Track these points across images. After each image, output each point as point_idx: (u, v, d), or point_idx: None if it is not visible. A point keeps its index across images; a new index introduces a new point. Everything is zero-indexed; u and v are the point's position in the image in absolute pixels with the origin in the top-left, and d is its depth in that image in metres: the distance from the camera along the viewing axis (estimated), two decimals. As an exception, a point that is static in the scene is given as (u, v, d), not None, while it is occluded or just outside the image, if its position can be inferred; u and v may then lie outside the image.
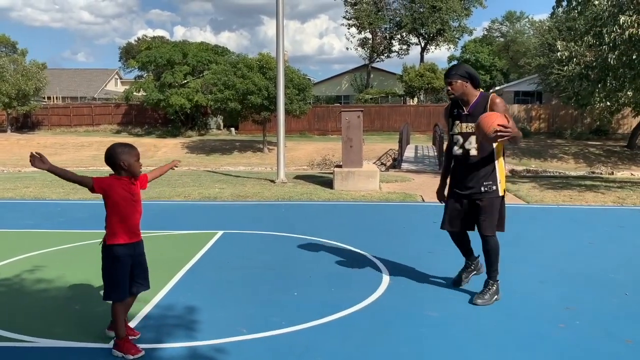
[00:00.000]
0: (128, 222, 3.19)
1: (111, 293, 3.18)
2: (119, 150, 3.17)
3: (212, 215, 8.20)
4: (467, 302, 4.08)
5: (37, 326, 3.56)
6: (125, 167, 3.16)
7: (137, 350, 3.13)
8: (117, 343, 3.17)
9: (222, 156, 25.86)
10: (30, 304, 4.05)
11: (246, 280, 4.68)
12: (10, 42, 39.49)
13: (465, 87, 3.96)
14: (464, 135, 4.01)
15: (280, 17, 12.33)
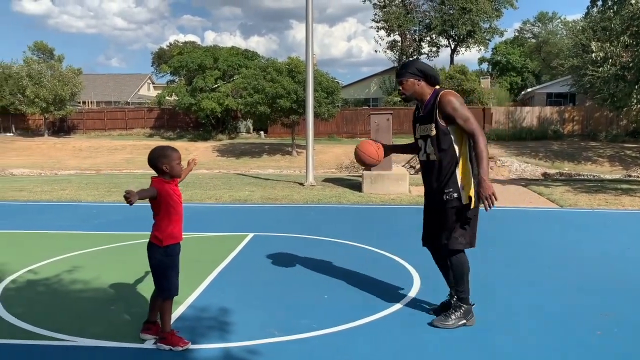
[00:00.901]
0: (179, 222, 3.33)
1: (171, 289, 3.29)
2: (161, 153, 3.28)
3: (243, 218, 8.29)
4: (502, 308, 4.02)
5: (75, 325, 3.66)
6: (167, 170, 3.26)
7: (185, 342, 3.27)
8: (164, 337, 3.29)
9: (251, 159, 26.07)
10: (68, 304, 4.16)
11: (277, 283, 4.71)
12: (48, 48, 40.59)
13: (417, 86, 3.63)
14: (423, 138, 3.68)
15: (310, 21, 12.39)
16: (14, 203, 9.87)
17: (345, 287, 4.55)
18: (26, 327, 3.61)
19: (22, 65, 36.27)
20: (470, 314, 3.67)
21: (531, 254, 5.66)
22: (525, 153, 25.15)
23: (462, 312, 3.65)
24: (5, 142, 32.70)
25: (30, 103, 34.31)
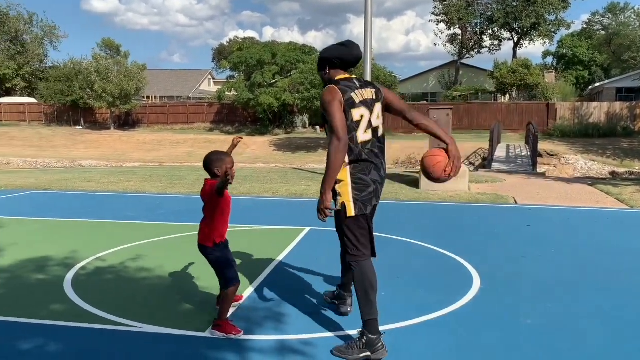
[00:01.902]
0: (227, 222, 3.53)
1: (234, 279, 3.43)
2: (215, 158, 3.43)
3: (299, 212, 8.35)
4: (564, 310, 3.87)
5: (139, 311, 3.80)
6: (219, 174, 3.36)
7: (238, 331, 3.40)
8: (219, 324, 3.41)
9: (307, 154, 26.27)
10: (133, 291, 4.33)
11: (333, 278, 4.72)
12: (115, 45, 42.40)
13: (325, 76, 3.27)
14: None
15: (369, 15, 12.31)
16: (83, 193, 10.37)
17: (402, 285, 4.50)
18: (95, 312, 3.78)
19: (91, 61, 38.04)
20: (376, 345, 3.08)
21: (598, 257, 5.41)
22: (592, 151, 24.05)
23: (364, 342, 3.09)
24: (75, 135, 34.42)
25: (98, 97, 35.94)
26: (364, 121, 3.10)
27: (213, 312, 3.75)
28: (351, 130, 3.06)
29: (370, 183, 3.13)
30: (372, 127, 3.14)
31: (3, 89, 46.15)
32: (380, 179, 3.21)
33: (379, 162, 3.18)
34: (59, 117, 40.35)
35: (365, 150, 3.11)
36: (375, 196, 3.20)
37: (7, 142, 31.89)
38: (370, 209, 3.22)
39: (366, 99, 3.14)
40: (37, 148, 29.74)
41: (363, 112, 3.10)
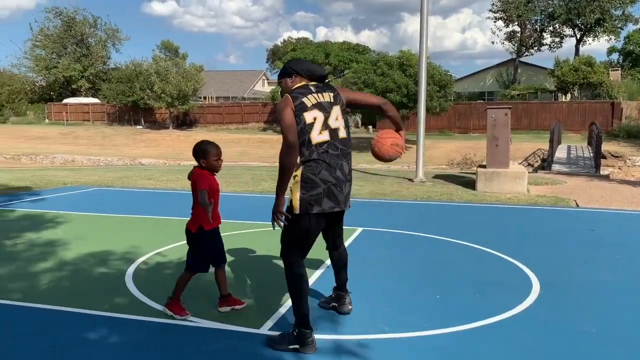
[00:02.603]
0: (217, 209, 3.69)
1: (193, 267, 3.70)
2: (202, 149, 3.63)
3: (351, 212, 8.28)
4: (630, 319, 3.67)
5: (197, 307, 3.88)
6: (204, 165, 3.60)
7: (185, 313, 3.63)
8: (169, 302, 3.68)
9: (359, 154, 26.13)
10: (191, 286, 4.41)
11: (387, 279, 4.68)
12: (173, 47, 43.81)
13: (288, 84, 3.39)
14: None
15: (425, 13, 12.13)
16: (143, 190, 10.73)
17: (458, 288, 4.40)
18: (155, 306, 3.90)
19: (151, 63, 39.38)
20: (307, 339, 3.15)
21: (670, 264, 5.11)
22: (661, 152, 22.79)
23: (295, 336, 3.17)
24: (136, 134, 35.72)
25: (157, 98, 37.16)
26: (318, 123, 3.19)
27: (269, 309, 3.80)
28: (304, 132, 3.17)
29: (320, 183, 3.17)
30: (329, 129, 3.23)
31: (69, 90, 48.46)
32: (334, 179, 3.21)
33: (334, 163, 3.21)
34: (120, 117, 41.98)
35: (320, 150, 3.18)
36: (328, 197, 3.19)
37: (73, 141, 33.47)
38: (320, 209, 3.19)
39: (321, 102, 3.24)
40: (100, 146, 31.06)
41: (316, 114, 3.20)
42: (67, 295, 4.16)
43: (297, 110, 3.18)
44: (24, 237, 6.16)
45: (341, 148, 3.26)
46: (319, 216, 3.22)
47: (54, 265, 4.98)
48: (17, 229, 6.59)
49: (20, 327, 3.54)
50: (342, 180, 3.25)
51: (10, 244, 5.81)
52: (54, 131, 37.20)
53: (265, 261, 5.18)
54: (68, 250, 5.55)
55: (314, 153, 3.17)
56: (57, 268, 4.90)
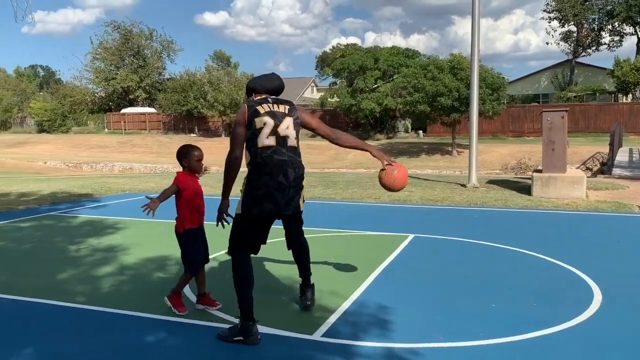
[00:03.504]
0: (199, 210, 3.91)
1: (191, 267, 3.90)
2: (184, 151, 3.87)
3: (402, 218, 8.26)
4: None
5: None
6: (185, 165, 3.83)
7: (183, 309, 3.85)
8: (172, 295, 3.91)
9: (409, 159, 25.91)
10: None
11: (439, 286, 4.61)
12: (225, 56, 44.84)
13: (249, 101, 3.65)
14: None
15: (476, 16, 11.92)
16: (197, 197, 11.01)
17: (514, 297, 4.29)
18: (210, 310, 3.99)
19: (204, 72, 40.43)
20: (250, 331, 3.36)
21: None
22: None
23: (239, 328, 3.40)
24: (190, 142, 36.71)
25: (210, 107, 38.07)
26: (267, 128, 3.44)
27: (321, 316, 3.82)
28: (253, 136, 3.44)
29: (261, 186, 3.40)
30: (277, 135, 3.46)
31: (127, 100, 50.38)
32: (276, 184, 3.39)
33: (278, 169, 3.40)
34: (175, 126, 43.26)
35: (264, 154, 3.41)
36: (269, 200, 3.41)
37: (130, 149, 34.74)
38: (258, 211, 3.44)
39: (274, 111, 3.51)
40: (156, 154, 32.09)
41: (266, 120, 3.45)
42: (128, 299, 4.32)
43: (249, 116, 3.46)
44: (86, 242, 6.44)
45: (288, 155, 3.47)
46: (259, 217, 3.47)
47: (115, 270, 5.18)
48: (80, 234, 6.90)
49: (87, 329, 3.71)
50: (284, 185, 3.43)
51: (74, 249, 6.09)
52: (112, 140, 38.73)
53: (316, 268, 5.21)
54: (127, 255, 5.77)
55: (258, 156, 3.43)
56: (118, 272, 5.10)
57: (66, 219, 8.16)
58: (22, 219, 8.15)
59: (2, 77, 62.08)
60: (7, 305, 4.19)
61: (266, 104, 3.54)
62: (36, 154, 31.87)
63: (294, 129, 3.57)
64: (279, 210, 3.48)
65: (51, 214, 8.67)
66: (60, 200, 10.25)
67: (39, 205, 9.60)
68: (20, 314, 4.02)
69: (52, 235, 6.94)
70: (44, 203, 9.89)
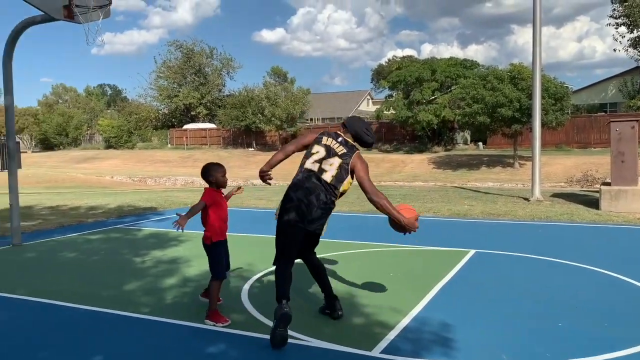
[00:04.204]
0: (225, 224, 4.22)
1: (219, 274, 4.16)
2: (209, 169, 4.19)
3: (463, 233, 8.07)
4: None
5: (309, 325, 3.97)
6: (212, 181, 4.15)
7: (225, 320, 4.04)
8: (209, 313, 4.08)
9: (469, 172, 25.33)
10: (303, 305, 4.53)
11: (502, 304, 4.46)
12: (282, 72, 45.51)
13: None
14: None
15: (537, 24, 11.61)
16: (255, 210, 11.20)
17: (582, 316, 4.09)
18: (268, 323, 4.03)
19: (261, 88, 41.25)
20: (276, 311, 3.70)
21: None
22: None
23: None
24: (248, 156, 37.45)
25: (267, 121, 38.74)
26: (316, 156, 3.94)
27: (380, 331, 3.78)
28: (306, 156, 4.00)
29: (294, 198, 3.85)
30: (320, 166, 3.91)
31: (188, 117, 52.06)
32: (306, 200, 3.82)
33: (311, 191, 3.83)
34: (234, 140, 44.28)
35: (305, 175, 3.90)
36: (295, 212, 3.81)
37: (192, 164, 35.80)
38: (287, 218, 3.84)
39: (331, 147, 3.97)
40: (215, 168, 32.97)
41: (319, 149, 3.96)
42: (190, 310, 4.43)
43: (314, 141, 4.03)
44: (151, 254, 6.68)
45: (323, 185, 3.86)
46: (287, 223, 3.84)
47: (178, 282, 5.34)
48: (145, 247, 7.16)
49: (150, 339, 3.83)
50: (313, 204, 3.82)
51: (139, 261, 6.32)
52: (175, 155, 40.09)
53: (375, 283, 5.17)
54: (190, 267, 5.93)
55: (300, 174, 3.94)
56: (180, 284, 5.25)
57: (132, 232, 8.50)
58: (91, 231, 8.56)
59: (73, 96, 65.72)
60: (79, 315, 4.40)
61: (331, 138, 4.01)
62: (104, 169, 33.45)
63: (337, 169, 3.90)
64: (302, 224, 3.82)
65: (118, 226, 9.06)
66: (126, 214, 10.70)
67: (106, 219, 10.05)
68: (90, 323, 4.20)
69: (119, 247, 7.24)
70: (111, 216, 10.35)
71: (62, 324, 4.18)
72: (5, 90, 7.48)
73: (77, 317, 4.34)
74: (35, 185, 20.80)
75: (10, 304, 4.73)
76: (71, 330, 4.03)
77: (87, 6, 6.93)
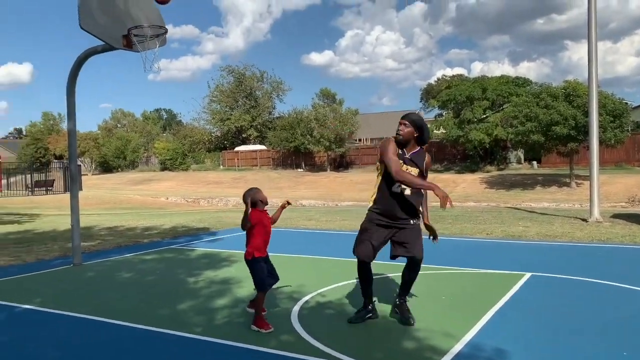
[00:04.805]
0: (267, 242, 4.66)
1: (263, 286, 4.55)
2: (251, 193, 4.59)
3: (518, 255, 7.82)
4: None
5: (359, 349, 3.92)
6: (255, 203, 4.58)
7: (268, 327, 4.38)
8: (255, 319, 4.47)
9: (523, 191, 24.60)
10: (352, 328, 4.49)
11: (561, 331, 4.27)
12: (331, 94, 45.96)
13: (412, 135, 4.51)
14: None
15: (593, 39, 11.28)
16: (305, 231, 11.25)
17: (650, 345, 3.86)
18: (317, 345, 4.01)
19: (310, 110, 41.74)
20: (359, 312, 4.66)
21: None
22: None
23: None
24: (297, 177, 37.79)
25: (316, 142, 39.08)
26: None
27: (432, 356, 3.69)
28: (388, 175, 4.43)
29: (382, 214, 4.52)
30: None
31: (240, 139, 53.20)
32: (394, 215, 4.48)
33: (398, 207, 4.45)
34: (284, 161, 44.85)
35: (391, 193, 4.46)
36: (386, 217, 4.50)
37: (243, 185, 36.43)
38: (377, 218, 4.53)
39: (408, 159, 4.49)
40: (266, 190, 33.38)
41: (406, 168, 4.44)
42: (241, 332, 4.47)
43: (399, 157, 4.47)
44: (203, 274, 6.81)
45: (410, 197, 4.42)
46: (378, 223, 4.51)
47: (229, 302, 5.41)
48: (198, 267, 7.31)
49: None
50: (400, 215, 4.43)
51: (192, 281, 6.45)
52: (227, 176, 40.94)
53: (426, 307, 5.06)
54: (241, 288, 6.00)
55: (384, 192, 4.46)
56: (232, 305, 5.31)
57: (185, 252, 8.70)
58: (146, 251, 8.82)
59: (131, 120, 68.46)
60: (135, 333, 4.52)
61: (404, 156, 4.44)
62: (160, 190, 34.53)
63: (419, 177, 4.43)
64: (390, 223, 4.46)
65: (172, 247, 9.30)
66: (180, 234, 10.97)
67: (161, 239, 10.34)
68: (145, 343, 4.31)
69: (173, 267, 7.42)
70: (165, 237, 10.64)
71: (119, 342, 4.30)
72: (69, 116, 7.88)
73: (133, 336, 4.45)
74: (95, 206, 21.69)
75: (69, 321, 4.91)
76: (127, 349, 4.15)
77: (144, 35, 7.25)
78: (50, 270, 7.35)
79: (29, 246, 9.54)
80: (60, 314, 5.11)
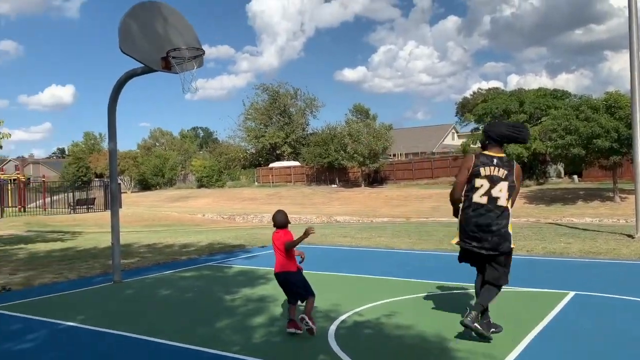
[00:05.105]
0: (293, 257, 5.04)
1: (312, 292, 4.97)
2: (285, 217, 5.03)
3: (559, 273, 7.59)
4: None
5: (397, 371, 3.85)
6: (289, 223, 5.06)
7: (299, 328, 4.75)
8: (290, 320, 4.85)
9: (564, 206, 23.95)
10: (390, 349, 4.42)
11: (608, 354, 4.11)
12: (364, 109, 46.05)
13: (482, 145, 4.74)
14: None
15: (635, 49, 10.98)
16: (340, 248, 11.21)
17: None
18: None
19: (344, 126, 41.85)
20: None
21: None
22: None
23: None
24: (331, 193, 37.78)
25: (350, 158, 39.08)
26: (482, 189, 4.41)
27: (471, 380, 3.60)
28: (470, 190, 4.47)
29: (467, 231, 4.50)
30: (489, 196, 4.40)
31: (274, 155, 53.71)
32: (480, 232, 4.42)
33: (483, 221, 4.41)
34: (317, 177, 44.97)
35: (474, 208, 4.44)
36: (475, 241, 4.46)
37: (277, 201, 36.66)
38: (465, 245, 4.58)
39: (493, 175, 4.42)
40: (300, 205, 33.48)
41: (484, 183, 4.42)
42: (277, 350, 4.46)
43: (471, 175, 4.44)
44: (240, 292, 6.84)
45: (495, 212, 4.38)
46: (467, 250, 4.58)
47: (266, 321, 5.41)
48: (235, 284, 7.35)
49: (239, 379, 3.88)
50: (487, 232, 4.39)
51: (229, 299, 6.49)
52: (262, 193, 41.29)
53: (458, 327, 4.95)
54: (277, 306, 6.00)
55: (471, 207, 4.45)
56: (269, 323, 5.31)
57: (222, 269, 8.77)
58: (184, 268, 8.93)
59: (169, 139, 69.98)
60: (174, 352, 4.56)
61: (489, 166, 4.41)
62: (196, 207, 35.05)
63: (507, 192, 4.39)
64: (478, 249, 4.43)
65: (209, 264, 9.39)
66: (217, 251, 11.08)
67: (198, 256, 10.46)
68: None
69: (210, 284, 7.49)
70: (203, 254, 10.77)
71: (158, 361, 4.34)
72: (110, 136, 8.11)
73: (172, 355, 4.49)
74: (134, 223, 22.17)
75: (109, 338, 5.00)
76: (166, 367, 4.18)
77: (182, 57, 7.43)
78: (92, 288, 7.52)
79: (71, 263, 9.80)
80: (102, 332, 5.20)
